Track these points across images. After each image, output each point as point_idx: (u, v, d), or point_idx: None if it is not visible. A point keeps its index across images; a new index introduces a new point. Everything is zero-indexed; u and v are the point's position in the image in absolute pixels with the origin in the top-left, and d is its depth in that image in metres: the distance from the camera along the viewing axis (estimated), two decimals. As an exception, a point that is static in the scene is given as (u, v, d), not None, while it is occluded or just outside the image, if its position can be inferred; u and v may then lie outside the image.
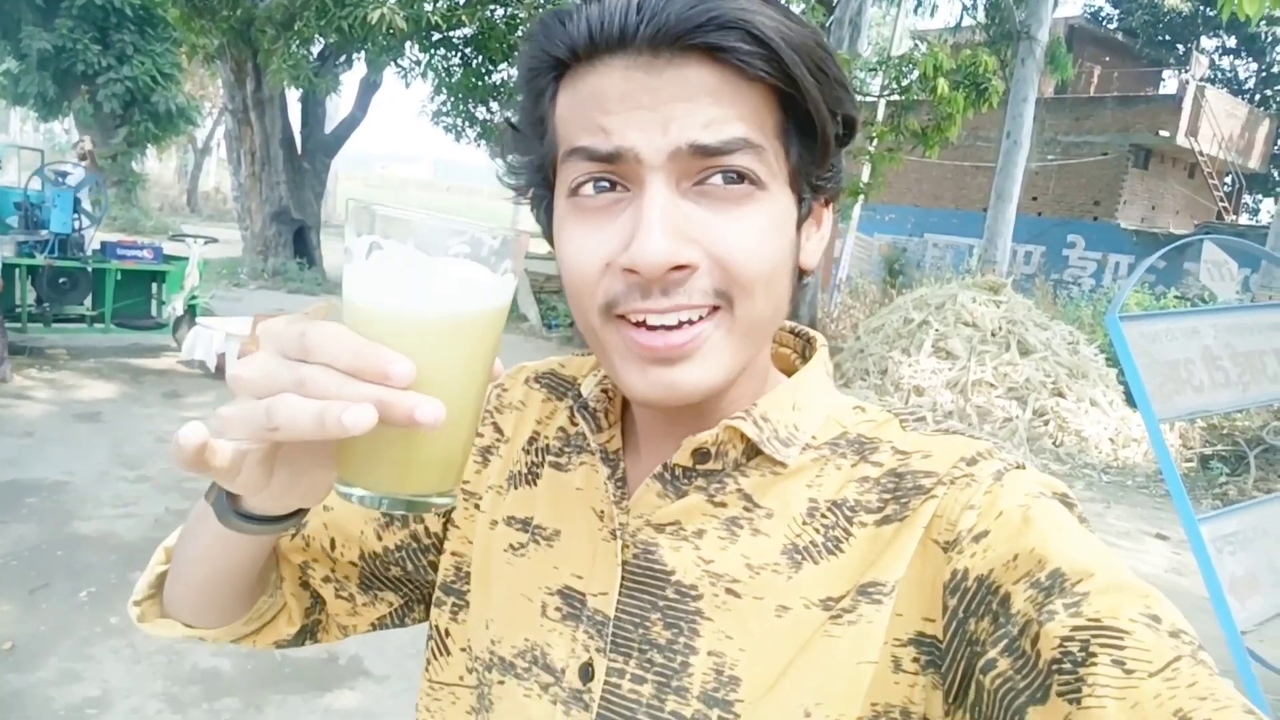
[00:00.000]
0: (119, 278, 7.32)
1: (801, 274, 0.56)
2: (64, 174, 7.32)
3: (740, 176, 0.49)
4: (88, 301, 7.34)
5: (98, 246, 7.46)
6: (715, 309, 0.50)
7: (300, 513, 0.52)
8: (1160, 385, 2.11)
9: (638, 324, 0.50)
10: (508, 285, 0.45)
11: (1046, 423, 7.84)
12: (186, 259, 7.59)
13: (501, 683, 0.60)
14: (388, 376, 0.40)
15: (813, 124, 0.51)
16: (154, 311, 7.81)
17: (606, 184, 0.50)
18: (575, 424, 0.65)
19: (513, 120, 0.57)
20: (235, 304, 10.23)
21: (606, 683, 0.55)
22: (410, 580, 0.71)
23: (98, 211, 7.61)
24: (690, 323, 0.50)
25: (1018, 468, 0.52)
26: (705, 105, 0.47)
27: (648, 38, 0.47)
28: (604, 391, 0.61)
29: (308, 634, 0.72)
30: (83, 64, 15.30)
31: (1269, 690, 2.90)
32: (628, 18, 0.47)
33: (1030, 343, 8.32)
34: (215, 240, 8.46)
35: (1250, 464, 6.88)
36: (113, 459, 4.98)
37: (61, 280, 6.97)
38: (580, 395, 0.63)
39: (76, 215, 7.11)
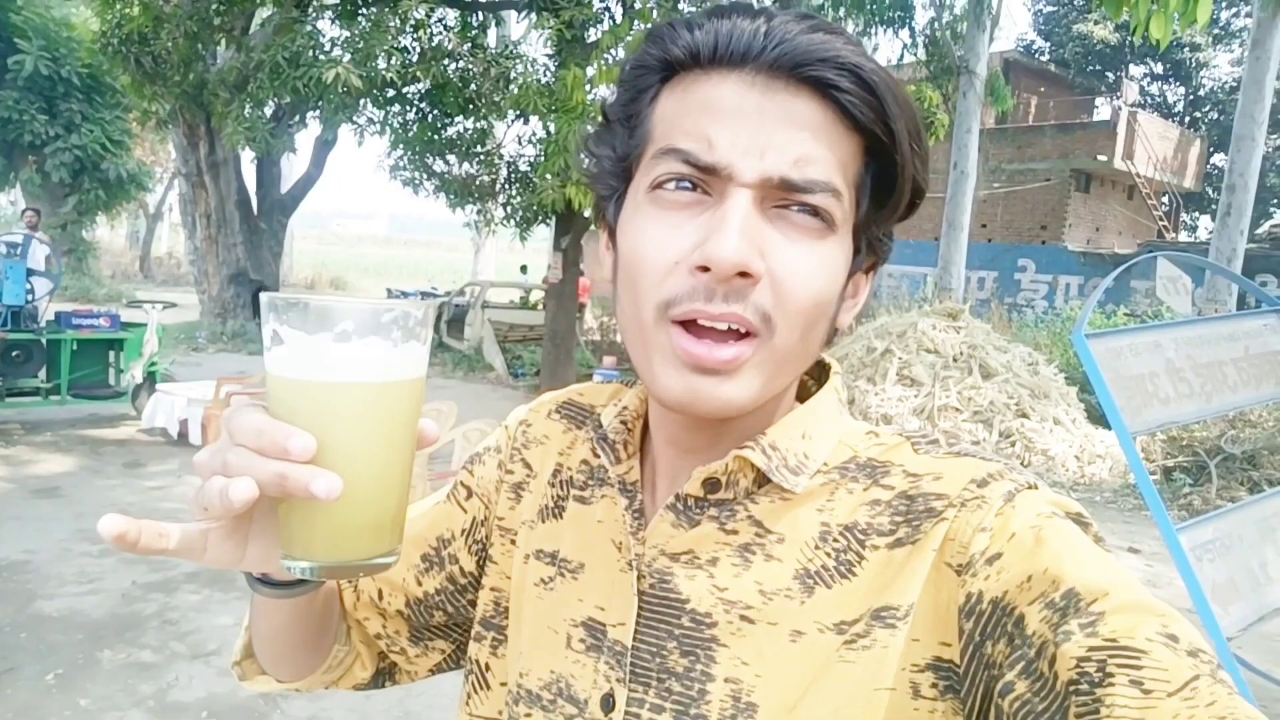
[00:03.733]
0: (75, 348, 7.17)
1: (830, 334, 0.57)
2: (16, 245, 7.19)
3: (815, 212, 0.51)
4: (42, 374, 7.16)
5: (51, 317, 7.31)
6: (755, 335, 0.51)
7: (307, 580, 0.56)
8: (1128, 399, 2.17)
9: (687, 326, 0.51)
10: (408, 356, 0.47)
11: (1013, 444, 7.95)
12: (144, 325, 7.47)
13: (529, 715, 0.61)
14: (287, 452, 0.43)
15: (891, 181, 0.53)
16: (112, 380, 7.64)
17: (689, 185, 0.52)
18: (598, 456, 0.66)
19: (606, 111, 0.58)
20: (196, 368, 10.05)
21: (627, 712, 0.56)
22: (455, 624, 0.74)
23: (50, 282, 7.47)
24: (736, 336, 0.51)
25: (1029, 488, 0.52)
26: (803, 139, 0.50)
27: (769, 61, 0.50)
28: (623, 423, 0.62)
29: (386, 676, 0.77)
30: (30, 134, 15.09)
31: (1259, 697, 2.93)
32: (755, 38, 0.50)
33: (992, 366, 8.48)
34: (174, 305, 8.33)
35: (1212, 473, 7.03)
36: (74, 534, 4.82)
37: (14, 354, 6.82)
38: (600, 425, 0.64)
39: (30, 286, 6.98)
